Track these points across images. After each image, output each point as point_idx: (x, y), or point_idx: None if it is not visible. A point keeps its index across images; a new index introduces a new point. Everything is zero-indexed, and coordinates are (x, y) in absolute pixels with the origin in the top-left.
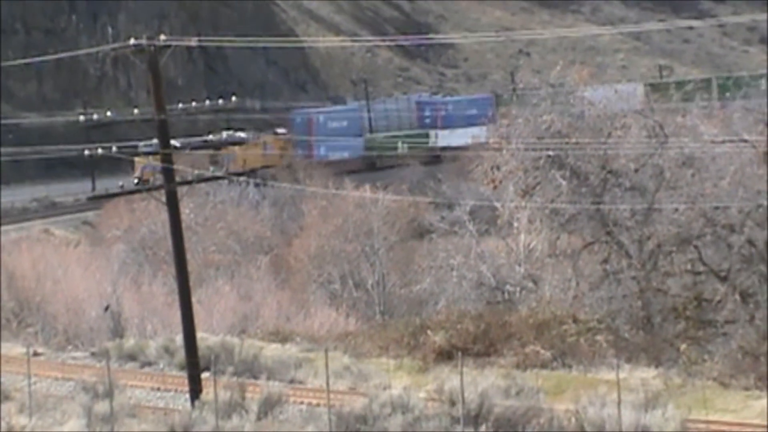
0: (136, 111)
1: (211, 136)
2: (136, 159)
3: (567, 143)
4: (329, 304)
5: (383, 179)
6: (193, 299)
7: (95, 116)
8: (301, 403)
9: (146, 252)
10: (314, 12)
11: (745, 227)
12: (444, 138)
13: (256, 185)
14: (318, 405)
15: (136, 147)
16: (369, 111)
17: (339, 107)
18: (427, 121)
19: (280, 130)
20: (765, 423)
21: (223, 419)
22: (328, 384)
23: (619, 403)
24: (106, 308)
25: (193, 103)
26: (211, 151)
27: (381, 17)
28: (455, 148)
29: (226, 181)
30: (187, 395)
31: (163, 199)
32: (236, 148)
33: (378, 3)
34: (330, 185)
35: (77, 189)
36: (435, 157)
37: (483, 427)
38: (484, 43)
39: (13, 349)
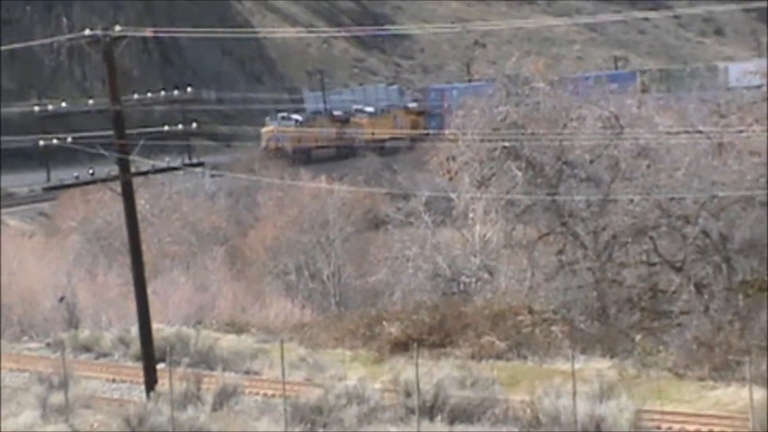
0: (91, 102)
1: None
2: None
3: (523, 134)
4: (285, 295)
5: (339, 170)
6: (149, 290)
7: (50, 107)
8: (257, 394)
9: (102, 243)
10: (270, 3)
11: (699, 218)
12: None
13: (212, 176)
14: (273, 396)
15: (90, 138)
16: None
17: (474, 83)
18: None
19: (412, 104)
20: (720, 413)
21: (179, 410)
22: (283, 375)
23: (574, 394)
24: (61, 299)
25: (149, 94)
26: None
27: (337, 8)
28: None
29: (181, 172)
30: (143, 386)
31: (119, 189)
32: (364, 119)
33: None
34: (285, 176)
35: (32, 180)
36: (391, 148)
37: (438, 418)
38: (440, 34)
39: None
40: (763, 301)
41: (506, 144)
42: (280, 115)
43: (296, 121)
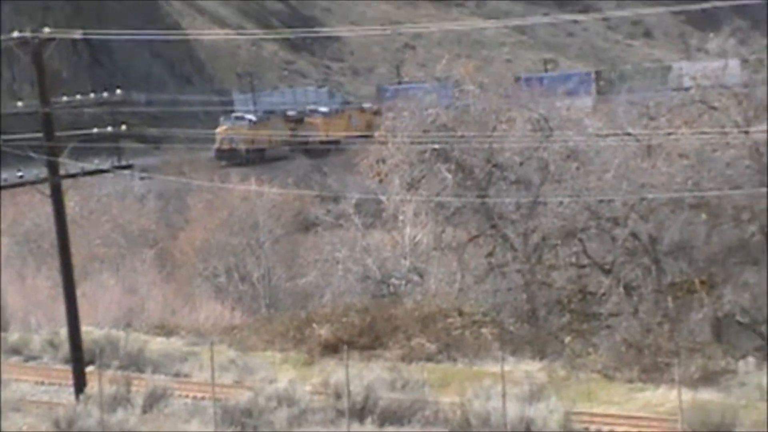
0: (20, 104)
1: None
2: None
3: (452, 136)
4: (215, 298)
5: (269, 172)
6: (78, 292)
7: None
8: (187, 396)
9: (30, 245)
10: (199, 5)
11: (629, 220)
12: None
13: (141, 178)
14: (203, 398)
15: (19, 140)
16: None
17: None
18: None
19: (367, 104)
20: (649, 415)
21: (108, 413)
22: (213, 377)
23: (503, 396)
24: None
25: (78, 96)
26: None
27: (267, 10)
28: None
29: (111, 174)
30: (72, 389)
31: (48, 192)
32: (318, 119)
33: None
34: (215, 178)
35: None
36: (322, 150)
37: (368, 420)
38: (370, 37)
39: None
40: (691, 303)
41: (436, 146)
42: (234, 115)
43: (250, 120)
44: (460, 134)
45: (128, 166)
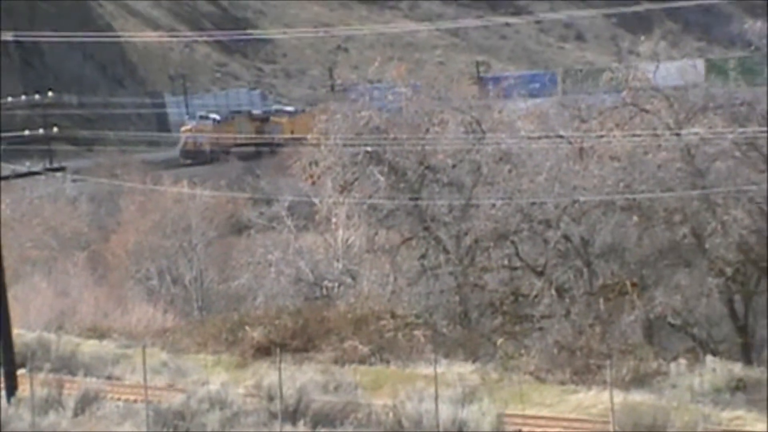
0: None
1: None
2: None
3: (385, 139)
4: (147, 300)
5: (202, 174)
6: (9, 295)
7: None
8: (119, 399)
9: None
10: (131, 7)
11: (561, 222)
12: None
13: (73, 181)
14: (136, 401)
15: None
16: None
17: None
18: None
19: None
20: (581, 417)
21: (40, 416)
22: (145, 380)
23: (436, 398)
24: None
25: (9, 98)
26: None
27: (199, 12)
28: None
29: (43, 177)
30: (3, 392)
31: None
32: (284, 119)
33: None
34: (147, 181)
35: None
36: (254, 153)
37: (301, 423)
38: (303, 39)
39: None
40: (623, 305)
41: (369, 149)
42: (198, 114)
43: (214, 120)
44: (393, 137)
45: (60, 169)
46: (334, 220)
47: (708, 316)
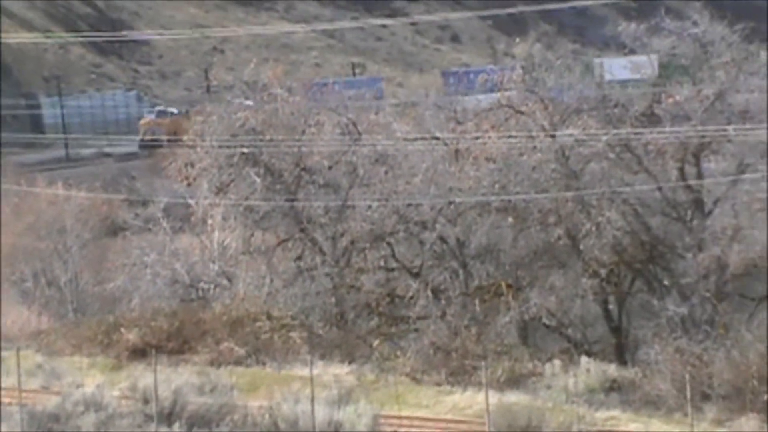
0: None
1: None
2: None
3: (261, 140)
4: (21, 303)
5: (77, 176)
6: None
7: None
8: None
9: None
10: (6, 8)
11: (436, 224)
12: None
13: None
14: (10, 404)
15: None
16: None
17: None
18: None
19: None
20: (456, 417)
21: None
22: (19, 383)
23: (312, 400)
24: None
25: None
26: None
27: (74, 13)
28: None
29: None
30: None
31: None
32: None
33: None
34: (22, 182)
35: None
36: (130, 154)
37: (177, 425)
38: (179, 40)
39: None
40: (498, 306)
41: (245, 150)
42: (157, 108)
43: (172, 113)
44: (269, 138)
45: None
46: (210, 221)
47: (582, 317)
